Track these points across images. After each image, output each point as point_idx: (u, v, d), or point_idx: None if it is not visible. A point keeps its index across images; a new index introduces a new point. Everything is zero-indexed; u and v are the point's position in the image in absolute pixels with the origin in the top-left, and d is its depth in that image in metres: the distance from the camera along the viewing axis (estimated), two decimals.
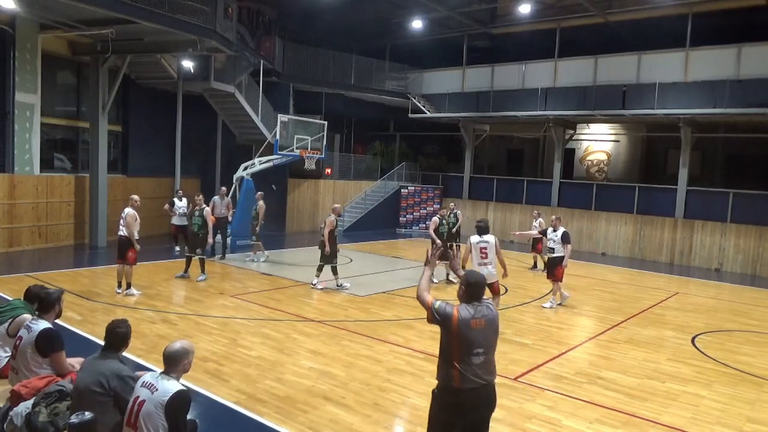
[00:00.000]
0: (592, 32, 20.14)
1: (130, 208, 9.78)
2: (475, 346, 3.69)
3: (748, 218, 16.83)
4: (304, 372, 6.64)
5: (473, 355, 3.67)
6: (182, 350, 3.83)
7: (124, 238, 9.67)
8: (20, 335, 4.57)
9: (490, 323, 3.78)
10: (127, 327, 4.13)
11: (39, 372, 4.47)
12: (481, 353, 3.70)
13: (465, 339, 3.67)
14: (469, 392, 3.69)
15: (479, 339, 3.70)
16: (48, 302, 4.73)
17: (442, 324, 3.74)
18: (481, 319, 3.73)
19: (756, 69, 15.99)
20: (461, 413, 3.73)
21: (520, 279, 13.71)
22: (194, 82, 16.91)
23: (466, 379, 3.67)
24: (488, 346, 3.76)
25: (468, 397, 3.70)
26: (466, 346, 3.67)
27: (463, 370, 3.66)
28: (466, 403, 3.72)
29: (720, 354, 8.32)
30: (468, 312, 3.73)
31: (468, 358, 3.66)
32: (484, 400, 3.81)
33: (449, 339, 3.72)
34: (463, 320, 3.68)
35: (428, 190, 23.51)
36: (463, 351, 3.67)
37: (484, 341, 3.73)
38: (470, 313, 3.72)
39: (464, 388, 3.68)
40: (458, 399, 3.71)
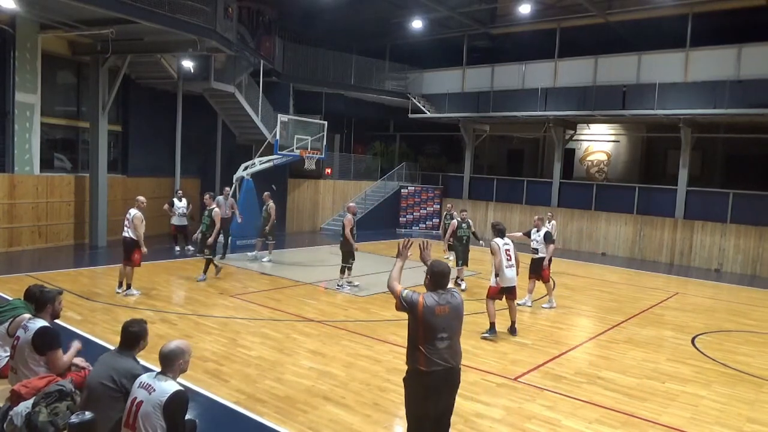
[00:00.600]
0: (592, 32, 20.14)
1: (137, 210, 9.70)
2: (439, 330, 3.95)
3: (747, 218, 16.83)
4: (304, 372, 6.65)
5: (437, 339, 3.94)
6: (177, 350, 3.83)
7: (130, 240, 9.63)
8: (18, 335, 4.58)
9: (455, 310, 4.05)
10: (141, 327, 4.14)
11: (38, 371, 4.48)
12: (446, 338, 3.98)
13: (430, 324, 3.93)
14: (435, 374, 3.94)
15: (443, 324, 3.97)
16: (42, 301, 4.75)
17: (410, 311, 3.99)
18: (446, 306, 4.01)
19: (756, 69, 15.99)
20: (431, 395, 3.98)
21: (520, 279, 13.68)
22: (194, 82, 16.91)
23: (431, 362, 3.93)
24: (452, 332, 4.02)
25: (434, 379, 3.95)
26: (430, 331, 3.93)
27: (428, 353, 3.93)
28: (433, 385, 3.97)
29: (719, 354, 8.32)
30: (433, 299, 3.99)
31: (433, 342, 3.93)
32: (449, 381, 4.05)
33: (416, 325, 3.98)
34: (428, 307, 3.95)
35: (428, 190, 23.51)
36: (428, 335, 3.93)
37: (448, 327, 3.99)
38: (435, 300, 3.99)
39: (430, 371, 3.93)
40: (426, 380, 3.96)
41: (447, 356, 3.99)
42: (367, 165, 24.49)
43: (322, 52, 21.70)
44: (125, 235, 9.70)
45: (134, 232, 9.58)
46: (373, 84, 22.94)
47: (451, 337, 4.01)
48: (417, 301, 3.99)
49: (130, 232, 9.61)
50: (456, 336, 4.07)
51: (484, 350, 7.84)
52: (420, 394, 4.03)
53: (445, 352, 3.98)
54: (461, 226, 11.95)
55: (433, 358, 3.94)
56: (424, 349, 3.95)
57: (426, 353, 3.94)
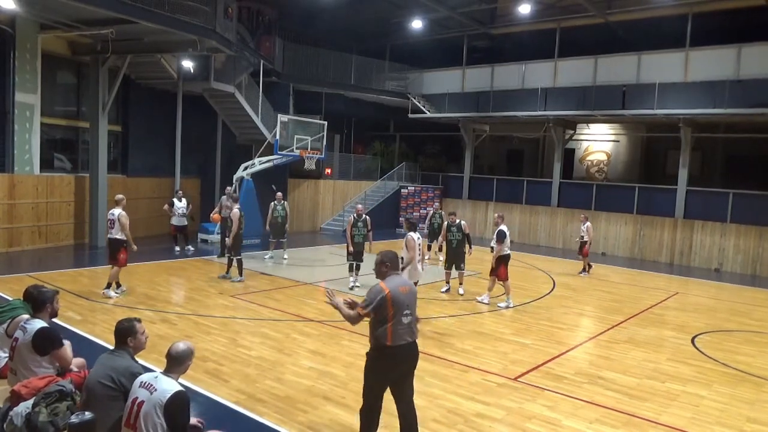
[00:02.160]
0: (592, 32, 20.14)
1: (121, 209, 9.58)
2: (404, 308, 4.47)
3: (747, 218, 16.83)
4: (303, 372, 6.64)
5: (403, 315, 4.45)
6: (189, 351, 3.86)
7: (115, 240, 9.52)
8: (16, 336, 4.57)
9: (411, 289, 4.64)
10: (130, 322, 4.13)
11: (38, 371, 4.47)
12: (409, 314, 4.51)
13: (398, 302, 4.42)
14: (399, 348, 4.45)
15: (407, 302, 4.51)
16: (40, 301, 4.74)
17: (380, 305, 4.40)
18: (405, 286, 4.59)
19: (756, 69, 15.99)
20: (392, 366, 4.51)
21: (520, 279, 13.72)
22: (194, 82, 16.90)
23: (397, 337, 4.42)
24: (412, 308, 4.58)
25: (398, 353, 4.46)
26: (398, 308, 4.41)
27: (395, 330, 4.40)
28: (396, 357, 4.48)
29: (720, 354, 8.32)
30: (393, 282, 4.52)
31: (399, 318, 4.41)
32: (410, 354, 4.58)
33: (384, 308, 4.39)
34: (393, 288, 4.47)
35: (428, 190, 23.50)
36: (396, 312, 4.40)
37: (410, 304, 4.55)
38: (395, 282, 4.54)
39: (395, 345, 4.42)
40: (391, 353, 4.44)
41: (410, 331, 4.53)
42: (367, 165, 24.49)
43: (322, 52, 21.70)
44: (110, 237, 9.57)
45: (122, 232, 9.48)
46: (373, 84, 22.94)
47: (412, 313, 4.55)
48: (383, 291, 4.43)
49: (114, 232, 9.49)
50: (415, 313, 4.61)
51: (484, 350, 7.84)
52: (385, 368, 4.50)
53: (407, 328, 4.50)
54: (450, 230, 11.53)
55: (399, 333, 4.43)
56: (392, 326, 4.40)
57: (393, 329, 4.40)
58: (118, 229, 9.50)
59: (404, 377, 4.64)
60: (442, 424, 5.42)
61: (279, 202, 14.04)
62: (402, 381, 4.61)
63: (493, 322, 9.48)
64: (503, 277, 10.48)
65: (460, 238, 11.42)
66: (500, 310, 10.35)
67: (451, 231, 11.51)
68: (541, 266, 15.84)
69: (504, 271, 10.45)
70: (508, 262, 10.57)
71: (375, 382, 4.54)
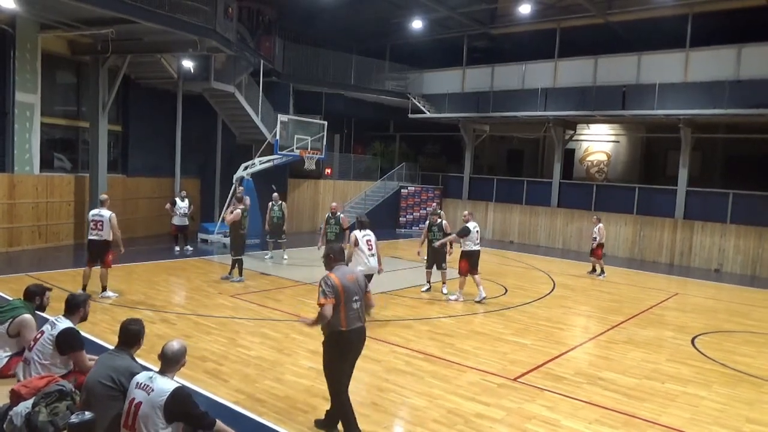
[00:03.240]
0: (592, 32, 20.13)
1: (109, 210, 9.33)
2: (353, 294, 4.90)
3: (747, 219, 16.83)
4: (303, 372, 6.64)
5: (353, 301, 4.88)
6: (183, 349, 3.90)
7: (102, 242, 9.23)
8: (42, 330, 4.72)
9: (358, 277, 5.08)
10: (140, 325, 4.24)
11: (50, 368, 4.57)
12: (358, 300, 4.94)
13: (347, 290, 4.85)
14: (352, 332, 4.88)
15: (355, 288, 4.94)
16: (74, 304, 4.89)
17: (336, 293, 4.80)
18: (352, 275, 5.03)
19: (756, 69, 15.99)
20: (349, 348, 4.92)
21: (520, 279, 13.73)
22: (194, 82, 16.90)
23: (349, 322, 4.84)
24: (361, 295, 4.99)
25: (352, 336, 4.89)
26: (348, 295, 4.84)
27: (347, 314, 4.82)
28: (352, 340, 4.90)
29: (719, 354, 8.32)
30: (340, 271, 4.97)
31: (350, 304, 4.84)
32: (362, 336, 5.02)
33: (337, 296, 4.78)
34: (341, 277, 4.90)
35: (428, 191, 23.51)
36: (347, 299, 4.83)
37: (358, 290, 4.96)
38: (342, 271, 4.99)
39: (349, 329, 4.84)
40: (347, 337, 4.86)
41: (360, 315, 4.96)
42: (367, 165, 24.49)
43: (322, 52, 21.70)
44: (94, 238, 9.19)
45: (112, 234, 9.22)
46: (373, 84, 22.95)
47: (360, 299, 4.96)
48: (334, 281, 4.84)
49: (101, 233, 9.17)
50: (362, 299, 5.01)
51: (483, 350, 7.84)
52: (343, 351, 4.89)
53: (359, 312, 4.94)
54: (431, 229, 11.45)
55: (351, 318, 4.85)
56: (344, 311, 4.81)
57: (346, 315, 4.82)
58: (108, 230, 9.22)
59: (355, 358, 5.07)
60: (441, 425, 5.42)
61: (276, 203, 14.13)
62: (353, 362, 5.07)
63: (492, 322, 9.49)
64: (463, 271, 10.67)
65: (441, 238, 11.36)
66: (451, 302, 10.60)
67: (432, 231, 11.49)
68: (541, 266, 15.85)
69: (464, 265, 10.62)
70: (473, 258, 10.64)
71: (336, 366, 4.92)
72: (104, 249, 9.31)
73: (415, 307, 10.22)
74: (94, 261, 9.37)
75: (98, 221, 9.25)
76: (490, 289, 12.10)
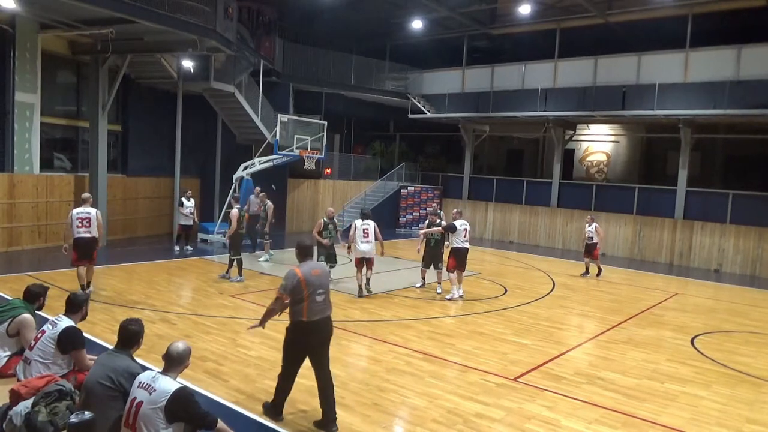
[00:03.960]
0: (592, 33, 20.14)
1: (94, 208, 9.58)
2: (318, 287, 5.13)
3: (747, 219, 16.83)
4: (303, 372, 6.60)
5: (317, 294, 5.12)
6: (188, 351, 3.90)
7: (91, 239, 9.41)
8: (43, 329, 4.75)
9: (323, 271, 5.36)
10: (140, 325, 4.24)
11: (51, 367, 4.59)
12: (322, 293, 5.17)
13: (311, 283, 5.09)
14: (315, 323, 5.13)
15: (319, 282, 5.17)
16: (76, 304, 4.92)
17: (295, 287, 5.07)
18: (317, 269, 5.27)
19: (756, 70, 15.98)
20: (309, 337, 5.16)
21: (519, 279, 13.73)
22: (194, 82, 16.89)
23: (312, 313, 5.09)
24: (325, 288, 5.23)
25: (313, 326, 5.13)
26: (312, 289, 5.08)
27: (310, 307, 5.07)
28: (312, 330, 5.14)
29: (719, 355, 8.32)
30: (306, 267, 5.23)
31: (314, 297, 5.09)
32: (324, 327, 5.25)
33: (300, 289, 5.05)
34: (306, 272, 5.14)
35: (428, 191, 23.51)
36: (311, 292, 5.07)
37: (322, 284, 5.20)
38: (308, 267, 5.24)
39: (311, 320, 5.09)
40: (307, 327, 5.11)
41: (324, 307, 5.20)
42: (367, 165, 24.49)
43: (322, 52, 21.70)
44: (84, 236, 9.31)
45: (99, 231, 9.47)
46: (373, 84, 22.94)
47: (325, 293, 5.20)
48: (297, 275, 5.10)
49: (90, 230, 9.36)
50: (328, 293, 5.26)
51: (483, 350, 7.84)
52: (303, 339, 5.16)
53: (321, 305, 5.16)
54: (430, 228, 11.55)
55: (314, 309, 5.09)
56: (308, 303, 5.06)
57: (309, 307, 5.06)
58: (95, 227, 9.40)
59: (321, 347, 5.27)
60: (441, 425, 5.42)
61: (262, 202, 14.22)
62: (319, 350, 5.26)
63: (492, 322, 9.49)
64: (451, 268, 10.82)
65: (438, 239, 11.48)
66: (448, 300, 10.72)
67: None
68: (541, 267, 15.85)
69: (452, 262, 10.79)
70: (460, 255, 10.77)
71: (293, 352, 5.25)
72: (93, 246, 9.53)
73: (415, 307, 10.22)
74: (83, 259, 9.46)
75: (85, 218, 9.37)
76: (490, 289, 12.13)
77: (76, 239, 9.34)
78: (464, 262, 10.92)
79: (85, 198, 9.72)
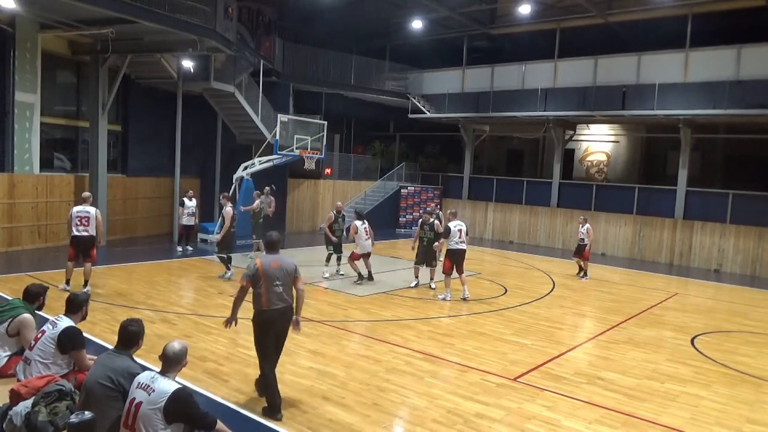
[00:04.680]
0: (592, 33, 20.14)
1: (93, 207, 9.70)
2: (275, 279, 5.41)
3: (747, 219, 16.83)
4: (303, 372, 6.65)
5: (274, 285, 5.40)
6: (184, 350, 3.90)
7: (89, 237, 9.55)
8: (43, 329, 4.74)
9: (284, 265, 5.51)
10: (140, 326, 4.24)
11: (51, 367, 4.59)
12: (279, 284, 5.43)
13: (268, 275, 5.39)
14: (273, 311, 5.41)
15: (278, 274, 5.43)
16: (76, 304, 4.93)
17: (254, 275, 5.41)
18: (277, 262, 5.50)
19: (756, 70, 15.98)
20: (269, 325, 5.44)
21: (519, 279, 13.73)
22: (194, 82, 16.88)
23: (270, 302, 5.40)
24: (284, 280, 5.46)
25: (272, 314, 5.42)
26: (269, 280, 5.38)
27: (268, 297, 5.38)
28: (270, 318, 5.42)
29: (719, 355, 8.32)
30: (267, 259, 5.53)
31: (271, 287, 5.39)
32: (282, 316, 5.49)
33: (258, 279, 5.39)
34: (266, 264, 5.45)
35: (428, 191, 23.51)
36: (268, 283, 5.38)
37: (281, 276, 5.44)
38: (269, 259, 5.52)
39: (268, 309, 5.40)
40: (267, 316, 5.41)
41: (282, 298, 5.44)
42: (367, 165, 24.49)
43: (322, 52, 21.70)
44: (82, 234, 9.48)
45: (97, 229, 9.59)
46: (373, 84, 22.94)
47: (283, 285, 5.43)
48: (256, 265, 5.43)
49: (88, 229, 9.50)
50: (287, 284, 5.48)
51: (483, 350, 7.84)
52: (263, 327, 5.43)
53: (281, 295, 5.43)
54: (423, 228, 11.63)
55: (271, 299, 5.39)
56: (266, 293, 5.38)
57: (267, 297, 5.38)
58: (94, 226, 9.54)
59: (279, 336, 5.57)
60: (441, 424, 5.42)
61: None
62: (278, 339, 5.56)
63: (492, 322, 9.49)
64: (446, 269, 10.73)
65: (432, 237, 11.54)
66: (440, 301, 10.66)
67: (423, 229, 11.68)
68: (541, 267, 15.85)
69: (448, 264, 10.72)
70: (456, 256, 10.70)
71: (260, 338, 5.50)
72: (91, 244, 9.62)
73: (415, 307, 10.22)
74: (78, 256, 9.63)
75: (84, 217, 9.52)
76: (490, 289, 12.13)
77: (74, 237, 9.52)
78: (461, 264, 10.82)
79: (86, 197, 9.84)
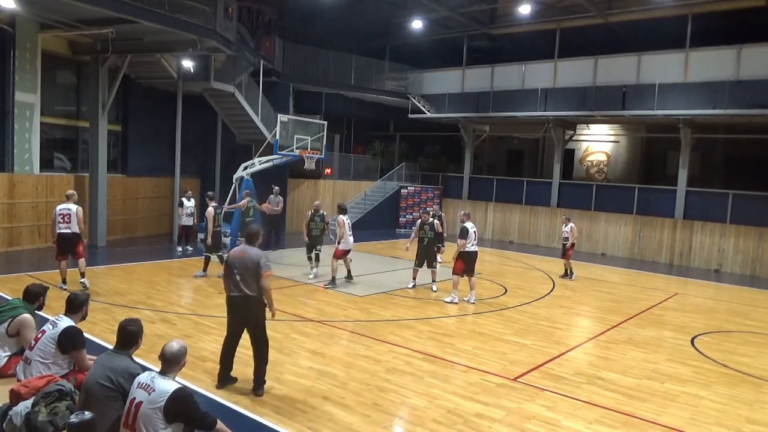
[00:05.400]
0: (592, 33, 20.15)
1: (77, 205, 9.81)
2: (235, 268, 5.81)
3: (747, 219, 16.84)
4: (303, 372, 6.65)
5: (233, 274, 5.81)
6: (183, 350, 3.90)
7: (71, 234, 9.68)
8: (44, 329, 4.74)
9: (248, 256, 5.81)
10: (138, 326, 4.24)
11: (51, 367, 4.58)
12: (236, 273, 5.79)
13: (231, 263, 5.86)
14: (231, 298, 5.88)
15: (238, 264, 5.81)
16: (77, 304, 4.94)
17: (226, 262, 6.00)
18: (243, 253, 5.86)
19: (755, 70, 15.99)
20: (229, 309, 5.96)
21: (519, 279, 13.73)
22: (194, 82, 16.89)
23: (230, 289, 5.86)
24: (243, 270, 5.78)
25: (232, 301, 5.89)
26: (231, 268, 5.84)
27: (231, 283, 5.84)
28: (230, 303, 5.92)
29: (719, 355, 8.32)
30: (239, 248, 6.00)
31: (232, 276, 5.82)
32: (240, 303, 5.85)
33: (227, 264, 5.92)
34: (234, 253, 5.96)
35: (428, 191, 23.51)
36: (229, 270, 5.85)
37: (240, 266, 5.79)
38: (240, 248, 5.98)
39: (229, 296, 5.89)
40: (229, 301, 5.92)
41: (241, 287, 5.77)
42: (367, 165, 24.49)
43: (322, 52, 21.70)
44: (65, 231, 9.63)
45: (79, 227, 9.72)
46: (373, 84, 22.94)
47: (242, 273, 5.76)
48: (230, 253, 5.99)
49: (70, 226, 9.63)
50: (246, 274, 5.76)
51: (483, 350, 7.84)
52: (229, 311, 5.96)
53: (240, 284, 5.77)
54: (423, 228, 11.54)
55: (231, 287, 5.83)
56: (226, 280, 5.91)
57: (227, 283, 5.90)
58: (75, 223, 9.67)
59: (246, 324, 5.94)
60: (441, 425, 5.42)
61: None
62: (249, 329, 5.95)
63: (492, 322, 9.49)
64: (458, 271, 10.53)
65: (432, 237, 11.46)
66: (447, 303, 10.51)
67: (423, 229, 11.55)
68: (541, 267, 15.85)
69: (460, 265, 10.50)
70: (469, 258, 10.51)
71: (228, 322, 6.03)
72: (75, 241, 9.77)
73: (415, 307, 10.22)
74: (65, 254, 9.81)
75: (66, 215, 9.68)
76: (490, 289, 12.13)
77: (58, 234, 9.70)
78: (473, 266, 10.63)
79: (69, 195, 9.96)
